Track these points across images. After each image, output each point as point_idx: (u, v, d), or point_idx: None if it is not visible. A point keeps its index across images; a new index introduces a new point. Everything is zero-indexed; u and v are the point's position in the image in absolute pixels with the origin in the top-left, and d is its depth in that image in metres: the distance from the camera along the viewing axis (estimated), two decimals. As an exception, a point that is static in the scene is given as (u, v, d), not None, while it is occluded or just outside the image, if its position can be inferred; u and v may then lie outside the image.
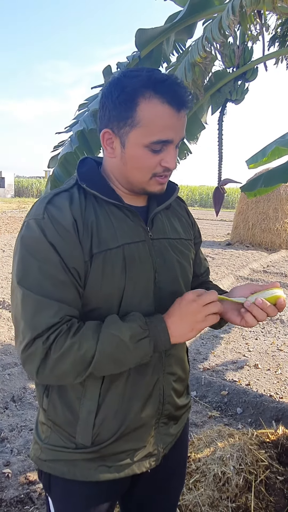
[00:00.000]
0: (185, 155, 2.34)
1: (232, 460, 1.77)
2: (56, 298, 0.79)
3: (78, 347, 0.77)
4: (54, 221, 0.81)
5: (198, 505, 1.65)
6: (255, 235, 9.86)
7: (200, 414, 2.76)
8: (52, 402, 0.90)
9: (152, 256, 0.90)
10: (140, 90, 0.79)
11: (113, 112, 0.83)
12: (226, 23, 1.40)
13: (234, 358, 3.65)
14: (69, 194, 0.86)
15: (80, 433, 0.87)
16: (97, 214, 0.86)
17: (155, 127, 0.80)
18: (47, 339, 0.77)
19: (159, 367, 0.93)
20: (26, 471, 2.13)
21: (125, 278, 0.85)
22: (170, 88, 0.80)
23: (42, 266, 0.79)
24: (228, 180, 2.31)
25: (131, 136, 0.82)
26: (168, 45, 2.00)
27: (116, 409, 0.88)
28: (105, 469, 0.90)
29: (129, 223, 0.89)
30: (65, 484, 0.91)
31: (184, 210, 1.08)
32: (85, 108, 2.04)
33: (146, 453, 0.94)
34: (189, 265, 1.00)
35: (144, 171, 0.85)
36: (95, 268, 0.82)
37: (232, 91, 2.16)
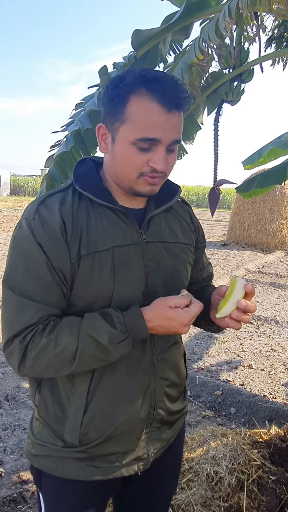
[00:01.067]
0: (181, 155, 2.34)
1: (225, 460, 1.78)
2: (38, 298, 0.81)
3: (54, 345, 0.80)
4: (43, 222, 0.82)
5: (191, 505, 1.65)
6: (250, 236, 9.89)
7: (194, 414, 2.77)
8: (44, 398, 0.92)
9: (144, 259, 0.90)
10: (132, 86, 0.79)
11: (107, 107, 0.84)
12: (222, 25, 1.41)
13: (229, 358, 3.66)
14: (63, 195, 0.87)
15: (68, 431, 0.88)
16: (89, 216, 0.86)
17: (142, 124, 0.79)
18: (24, 338, 0.80)
19: (151, 371, 0.92)
20: (19, 470, 2.13)
21: (114, 280, 0.84)
22: (162, 86, 0.78)
23: (28, 265, 0.81)
24: (223, 181, 2.32)
25: (120, 132, 0.82)
26: (164, 46, 2.00)
27: (105, 410, 0.88)
28: (93, 469, 0.90)
29: (122, 225, 0.89)
30: (55, 480, 0.92)
31: (188, 213, 1.05)
32: (81, 108, 2.03)
33: (135, 456, 0.94)
34: (185, 270, 0.98)
35: (131, 168, 0.84)
36: (83, 269, 0.83)
37: (228, 92, 2.17)
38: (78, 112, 2.06)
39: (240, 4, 1.33)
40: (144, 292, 0.89)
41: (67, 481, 0.90)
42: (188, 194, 30.08)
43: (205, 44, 1.53)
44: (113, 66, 2.00)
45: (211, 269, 1.15)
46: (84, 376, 0.87)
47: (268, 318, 4.73)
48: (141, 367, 0.90)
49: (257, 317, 4.79)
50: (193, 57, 1.57)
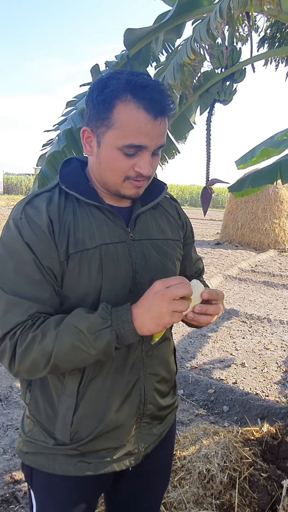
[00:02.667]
0: (174, 155, 2.35)
1: (216, 458, 1.79)
2: (28, 297, 0.81)
3: (40, 339, 0.78)
4: (30, 222, 0.82)
5: (183, 502, 1.66)
6: (244, 235, 9.94)
7: (187, 412, 2.78)
8: (34, 397, 0.93)
9: (132, 257, 0.90)
10: (118, 92, 0.79)
11: (93, 111, 0.84)
12: (214, 25, 1.41)
13: (222, 357, 3.68)
14: (50, 194, 0.87)
15: (59, 429, 0.89)
16: (76, 214, 0.87)
17: (128, 131, 0.80)
18: (14, 334, 0.80)
19: (139, 367, 0.93)
20: (12, 470, 2.12)
21: (102, 278, 0.85)
22: (149, 94, 0.79)
23: (17, 265, 0.82)
24: (215, 180, 2.33)
25: (106, 137, 0.83)
26: (157, 45, 2.00)
27: (95, 407, 0.89)
28: (84, 465, 0.91)
29: (109, 224, 0.89)
30: (46, 477, 0.92)
31: (175, 209, 1.06)
32: (73, 106, 2.03)
33: (126, 451, 0.95)
34: (174, 266, 0.98)
35: (117, 173, 0.85)
36: (71, 268, 0.83)
37: (220, 91, 2.18)
38: (70, 110, 2.05)
39: (231, 5, 1.34)
40: (132, 289, 0.90)
41: (59, 477, 0.91)
42: (182, 193, 30.13)
43: (197, 44, 1.53)
44: (105, 64, 2.00)
45: (200, 264, 1.15)
46: (74, 375, 0.88)
47: (261, 317, 4.77)
48: (129, 363, 0.91)
49: (250, 316, 4.81)
50: (185, 57, 1.57)
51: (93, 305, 0.86)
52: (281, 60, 3.20)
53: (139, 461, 0.98)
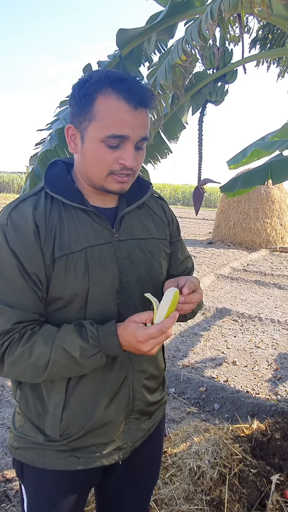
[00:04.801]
0: (166, 154, 2.36)
1: (207, 455, 1.81)
2: (12, 304, 0.84)
3: (28, 354, 0.83)
4: (15, 228, 0.84)
5: (174, 499, 1.68)
6: (236, 234, 10.00)
7: (178, 410, 2.80)
8: (24, 395, 0.94)
9: (118, 257, 0.92)
10: (98, 85, 0.81)
11: (75, 108, 0.86)
12: (205, 27, 1.43)
13: (213, 355, 3.71)
14: (36, 199, 0.88)
15: (49, 426, 0.91)
16: (62, 218, 0.88)
17: (110, 122, 0.81)
18: (1, 345, 0.84)
19: (127, 364, 0.94)
20: (3, 469, 2.12)
21: (89, 280, 0.87)
22: (128, 85, 0.81)
23: (2, 272, 0.84)
24: (207, 180, 2.35)
25: (89, 130, 0.84)
26: (149, 45, 2.01)
27: (84, 404, 0.91)
28: (74, 459, 0.93)
29: (94, 225, 0.90)
30: (36, 472, 0.94)
31: (161, 208, 1.07)
32: (66, 105, 2.03)
33: (115, 447, 0.97)
34: (160, 265, 1.00)
35: (101, 166, 0.85)
36: (57, 271, 0.85)
37: (212, 92, 2.20)
38: (63, 110, 2.05)
39: (222, 7, 1.35)
40: (119, 289, 0.91)
41: (49, 471, 0.93)
42: (175, 192, 30.18)
43: (188, 45, 1.54)
44: (98, 64, 2.00)
45: (189, 263, 1.14)
46: None
47: (252, 316, 4.81)
48: (118, 361, 0.92)
49: (241, 314, 4.86)
50: (176, 58, 1.58)
51: (82, 305, 0.88)
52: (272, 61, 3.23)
53: (128, 456, 1.00)
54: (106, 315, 0.90)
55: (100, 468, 0.98)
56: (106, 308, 0.90)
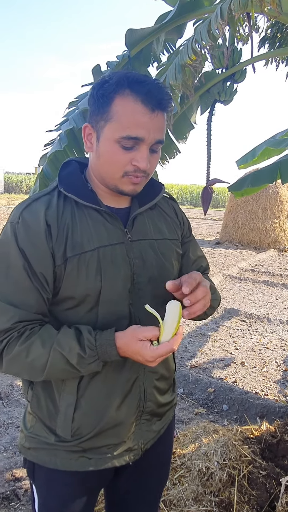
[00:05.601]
0: (174, 154, 2.36)
1: (216, 456, 1.80)
2: (15, 303, 0.85)
3: (26, 354, 0.84)
4: (26, 227, 0.84)
5: (182, 500, 1.68)
6: (244, 234, 9.95)
7: (186, 411, 2.79)
8: (36, 394, 0.94)
9: (130, 257, 0.91)
10: (117, 86, 0.82)
11: (93, 107, 0.86)
12: (215, 26, 1.42)
13: (221, 356, 3.69)
14: (48, 198, 0.88)
15: (60, 426, 0.91)
16: (74, 217, 0.88)
17: (126, 123, 0.81)
18: (0, 342, 0.85)
19: (138, 365, 0.94)
20: (13, 468, 2.14)
21: (101, 280, 0.87)
22: (146, 87, 0.81)
23: (9, 270, 0.84)
24: (216, 180, 2.34)
25: (105, 130, 0.84)
26: (158, 45, 2.01)
27: (95, 405, 0.91)
28: (85, 460, 0.93)
29: (107, 225, 0.91)
30: (48, 472, 0.94)
31: (172, 209, 1.07)
32: (75, 106, 2.04)
33: (126, 448, 0.96)
34: (172, 266, 0.99)
35: (115, 167, 0.86)
36: (69, 271, 0.85)
37: (221, 92, 2.18)
38: (71, 110, 2.06)
39: (232, 6, 1.35)
40: (131, 290, 0.91)
41: (60, 472, 0.93)
42: (182, 192, 30.13)
43: (198, 45, 1.54)
44: (107, 65, 2.00)
45: (203, 262, 1.13)
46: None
47: (261, 316, 4.78)
48: (129, 362, 0.92)
49: (249, 315, 4.83)
50: (186, 58, 1.58)
51: (94, 305, 0.88)
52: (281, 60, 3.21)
53: (139, 457, 0.99)
54: (117, 315, 0.90)
55: (111, 469, 0.98)
56: (117, 309, 0.90)
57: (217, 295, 1.07)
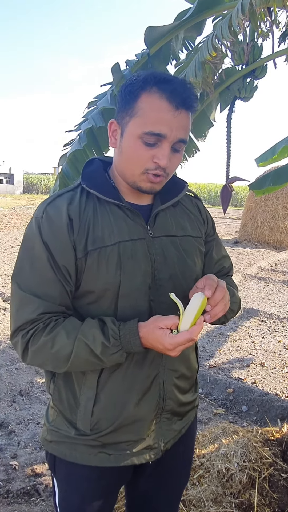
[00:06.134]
0: (193, 153, 2.34)
1: (236, 457, 1.78)
2: (39, 294, 0.87)
3: (51, 345, 0.85)
4: (50, 221, 0.86)
5: (202, 500, 1.67)
6: (263, 233, 9.80)
7: (205, 411, 2.77)
8: (58, 388, 0.96)
9: (151, 253, 0.92)
10: (144, 83, 0.83)
11: (120, 104, 0.88)
12: (235, 22, 1.40)
13: (240, 356, 3.65)
14: (72, 194, 0.91)
15: (80, 419, 0.92)
16: (96, 212, 0.89)
17: (149, 119, 0.82)
18: (26, 333, 0.87)
19: (158, 362, 0.94)
20: (33, 464, 2.17)
21: (120, 274, 0.88)
22: (172, 86, 0.82)
23: (34, 263, 0.87)
24: (236, 178, 2.31)
25: (129, 126, 0.85)
26: (177, 43, 2.00)
27: (114, 400, 0.92)
28: (105, 456, 0.94)
29: (128, 221, 0.91)
30: (68, 466, 0.96)
31: (196, 207, 1.07)
32: (94, 106, 2.05)
33: (146, 445, 0.97)
34: (194, 263, 0.99)
35: (136, 163, 0.87)
36: (90, 264, 0.87)
37: (241, 88, 2.15)
38: (91, 110, 2.07)
39: (253, 1, 1.32)
40: (151, 286, 0.91)
41: (80, 466, 0.94)
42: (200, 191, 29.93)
43: (218, 41, 1.52)
44: (126, 63, 2.00)
45: (226, 262, 1.12)
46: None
47: (281, 317, 4.70)
48: (149, 358, 0.93)
49: (269, 315, 4.75)
50: (206, 54, 1.56)
51: (113, 300, 0.89)
52: (303, 55, 3.14)
53: (159, 456, 0.99)
54: (137, 310, 0.90)
55: (130, 467, 0.98)
56: (137, 304, 0.90)
57: (236, 298, 1.07)
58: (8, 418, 2.56)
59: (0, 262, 7.01)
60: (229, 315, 1.03)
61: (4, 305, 4.78)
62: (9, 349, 3.54)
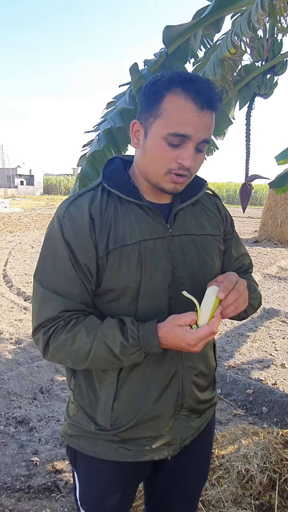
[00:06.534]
0: (212, 151, 2.32)
1: (256, 458, 1.76)
2: (61, 292, 0.88)
3: (71, 342, 0.87)
4: (71, 220, 0.88)
5: (221, 501, 1.65)
6: (284, 232, 9.64)
7: (224, 412, 2.75)
8: (78, 383, 0.98)
9: (171, 252, 0.93)
10: (169, 84, 0.83)
11: (143, 104, 0.88)
12: (255, 18, 1.39)
13: (260, 357, 3.60)
14: (93, 193, 0.92)
15: (100, 414, 0.94)
16: (117, 211, 0.90)
17: (174, 120, 0.82)
18: (47, 330, 0.88)
19: (177, 359, 0.95)
20: (53, 460, 2.20)
21: (141, 272, 0.88)
22: (197, 86, 0.81)
23: (56, 261, 0.88)
24: (255, 176, 2.28)
25: (154, 127, 0.85)
26: (195, 41, 1.99)
27: (134, 396, 0.93)
28: (124, 451, 0.95)
29: (149, 220, 0.92)
30: (88, 460, 0.97)
31: (215, 205, 1.07)
32: (113, 106, 2.06)
33: (164, 442, 0.97)
34: (213, 262, 0.99)
35: (160, 163, 0.87)
36: (111, 263, 0.88)
37: (260, 85, 2.12)
38: (109, 111, 2.09)
39: (273, -5, 1.31)
40: (171, 284, 0.92)
41: (100, 461, 0.96)
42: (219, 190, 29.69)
43: (237, 38, 1.51)
44: (144, 63, 2.01)
45: (246, 260, 1.12)
46: None
47: (302, 317, 4.61)
48: (168, 356, 0.93)
49: (290, 315, 4.67)
50: (225, 51, 1.55)
51: (134, 298, 0.90)
52: None
53: (177, 452, 1.00)
54: (157, 308, 0.91)
55: (149, 463, 0.99)
56: (157, 302, 0.91)
57: (257, 294, 1.06)
58: (29, 415, 2.61)
59: (20, 262, 7.14)
60: (250, 311, 1.03)
61: (25, 304, 4.87)
62: (30, 348, 3.60)
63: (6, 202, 18.36)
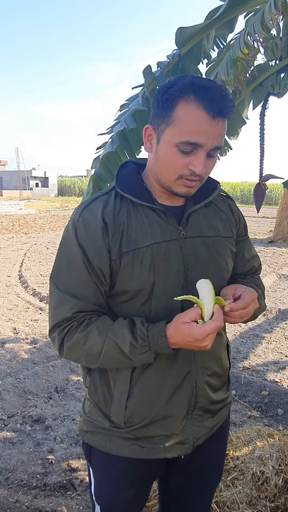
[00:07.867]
0: (226, 151, 2.32)
1: (271, 460, 1.74)
2: (75, 294, 0.91)
3: (84, 342, 0.90)
4: (85, 224, 0.90)
5: (236, 502, 1.65)
6: (299, 233, 9.50)
7: (239, 414, 2.73)
8: (93, 381, 1.01)
9: (183, 254, 0.94)
10: (181, 92, 0.83)
11: (156, 110, 0.88)
12: (268, 17, 1.38)
13: (276, 359, 3.56)
14: (106, 198, 0.94)
15: (114, 412, 0.96)
16: (130, 215, 0.92)
17: (187, 128, 0.83)
18: (62, 329, 0.92)
19: (190, 359, 0.96)
20: (69, 459, 2.23)
21: (154, 275, 0.90)
22: (210, 95, 0.81)
23: (70, 264, 0.91)
24: (270, 176, 2.26)
25: (166, 134, 0.86)
26: (208, 41, 1.99)
27: (147, 395, 0.94)
28: (137, 448, 0.96)
29: (162, 223, 0.93)
30: (103, 456, 0.99)
31: (228, 206, 1.07)
32: (126, 108, 2.08)
33: (177, 440, 0.98)
34: (226, 263, 1.00)
35: (171, 170, 0.88)
36: (124, 265, 0.90)
37: (274, 84, 2.11)
38: (123, 113, 2.10)
39: (287, -6, 1.30)
40: (184, 285, 0.93)
41: (114, 457, 0.98)
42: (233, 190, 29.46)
43: (251, 38, 1.50)
44: (157, 65, 2.02)
45: (256, 262, 1.13)
46: None
47: None
48: (180, 355, 0.94)
49: (306, 316, 4.60)
50: (238, 52, 1.55)
51: (147, 299, 0.92)
52: None
53: (190, 451, 1.01)
54: (170, 309, 0.92)
55: (162, 461, 1.00)
56: (170, 303, 0.92)
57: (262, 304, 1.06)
58: (44, 414, 2.65)
59: (36, 264, 7.24)
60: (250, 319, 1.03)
61: (41, 305, 4.93)
62: (46, 347, 3.65)
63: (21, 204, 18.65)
